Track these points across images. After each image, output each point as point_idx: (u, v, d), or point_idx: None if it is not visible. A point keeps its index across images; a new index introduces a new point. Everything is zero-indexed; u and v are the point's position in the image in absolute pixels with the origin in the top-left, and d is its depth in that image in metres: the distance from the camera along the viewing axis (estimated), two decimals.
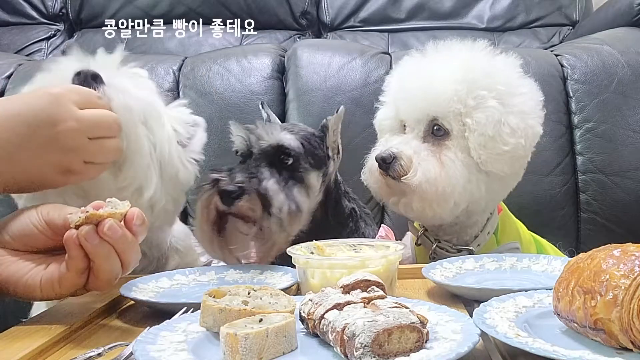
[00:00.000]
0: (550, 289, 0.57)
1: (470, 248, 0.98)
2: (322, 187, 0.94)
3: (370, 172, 0.98)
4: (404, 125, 0.99)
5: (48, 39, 2.29)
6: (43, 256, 0.66)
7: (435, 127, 0.93)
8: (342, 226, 0.99)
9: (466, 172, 0.91)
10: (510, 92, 0.92)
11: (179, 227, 1.06)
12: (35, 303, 1.04)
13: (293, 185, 0.88)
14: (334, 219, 0.98)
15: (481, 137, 0.90)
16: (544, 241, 1.11)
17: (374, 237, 1.04)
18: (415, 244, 1.05)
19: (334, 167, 0.97)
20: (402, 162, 0.91)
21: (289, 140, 0.89)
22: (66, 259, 0.63)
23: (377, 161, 0.93)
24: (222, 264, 0.98)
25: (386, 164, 0.92)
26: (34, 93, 0.71)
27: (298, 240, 0.86)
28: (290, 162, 0.88)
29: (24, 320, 0.69)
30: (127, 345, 0.57)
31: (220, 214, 0.86)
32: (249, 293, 0.59)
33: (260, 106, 1.04)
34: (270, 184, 0.85)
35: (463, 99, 0.91)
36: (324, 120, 0.95)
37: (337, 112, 0.94)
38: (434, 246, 1.00)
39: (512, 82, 0.94)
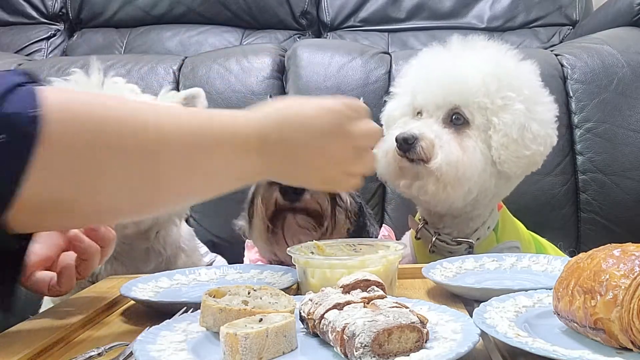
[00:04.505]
0: (550, 289, 0.57)
1: (470, 240, 0.98)
2: None
3: (384, 152, 0.96)
4: (419, 113, 0.98)
5: (48, 38, 2.29)
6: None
7: (454, 116, 0.94)
8: (352, 222, 0.99)
9: (483, 162, 0.92)
10: (534, 98, 0.94)
11: (185, 228, 1.07)
12: (43, 303, 1.06)
13: None
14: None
15: (505, 137, 0.91)
16: (544, 241, 1.11)
17: (377, 237, 1.04)
18: (415, 237, 1.05)
19: None
20: (423, 144, 0.90)
21: None
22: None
23: (397, 142, 0.92)
24: (222, 263, 0.98)
25: (407, 144, 0.91)
26: (323, 104, 0.69)
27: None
28: None
29: (25, 319, 0.69)
30: (127, 345, 0.57)
31: (278, 210, 0.87)
32: (249, 293, 0.59)
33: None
34: None
35: (491, 94, 0.92)
36: None
37: None
38: (434, 239, 0.99)
39: (536, 89, 0.96)
